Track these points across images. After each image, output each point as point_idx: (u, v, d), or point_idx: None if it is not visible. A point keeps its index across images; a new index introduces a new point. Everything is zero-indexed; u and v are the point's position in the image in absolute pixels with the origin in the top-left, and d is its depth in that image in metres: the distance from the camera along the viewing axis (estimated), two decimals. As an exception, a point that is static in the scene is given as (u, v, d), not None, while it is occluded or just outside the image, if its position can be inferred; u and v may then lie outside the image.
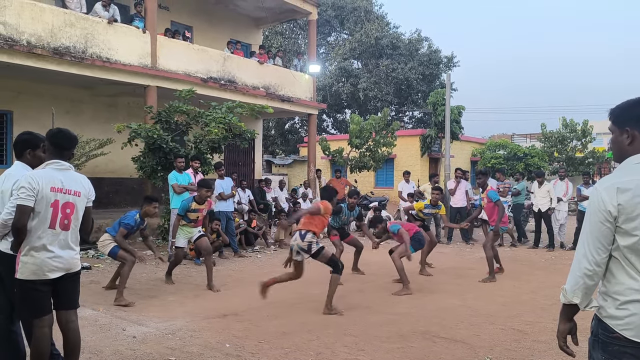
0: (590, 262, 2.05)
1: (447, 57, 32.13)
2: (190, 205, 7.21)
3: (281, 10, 16.89)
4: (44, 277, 3.37)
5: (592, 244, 2.05)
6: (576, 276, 2.09)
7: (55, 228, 3.41)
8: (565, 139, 24.81)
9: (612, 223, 2.01)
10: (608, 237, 2.03)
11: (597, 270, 2.05)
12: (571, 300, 2.11)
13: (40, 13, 10.21)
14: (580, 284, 2.08)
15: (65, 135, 3.54)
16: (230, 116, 10.63)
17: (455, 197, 12.56)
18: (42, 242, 3.35)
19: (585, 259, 2.06)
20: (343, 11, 32.67)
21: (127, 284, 6.46)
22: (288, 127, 33.92)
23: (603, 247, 2.04)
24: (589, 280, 2.06)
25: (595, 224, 2.05)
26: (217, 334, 5.05)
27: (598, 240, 2.04)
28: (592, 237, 2.06)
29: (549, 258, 10.36)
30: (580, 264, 2.08)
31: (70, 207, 3.47)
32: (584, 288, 2.08)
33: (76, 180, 3.56)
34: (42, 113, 11.23)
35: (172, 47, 12.76)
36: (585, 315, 2.16)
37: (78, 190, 3.53)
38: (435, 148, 22.62)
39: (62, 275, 3.45)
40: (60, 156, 3.49)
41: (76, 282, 3.62)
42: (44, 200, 3.35)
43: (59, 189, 3.42)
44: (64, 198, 3.44)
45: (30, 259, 3.34)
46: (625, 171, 2.08)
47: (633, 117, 2.13)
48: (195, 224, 7.36)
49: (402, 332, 5.18)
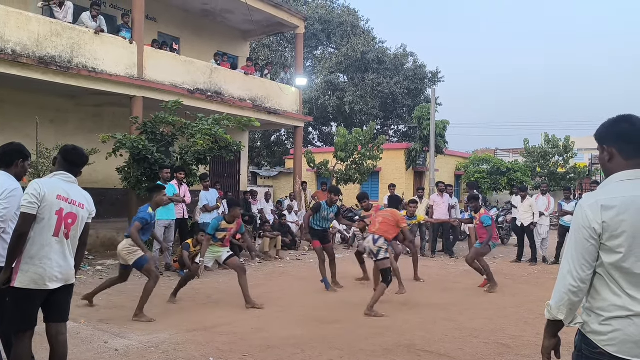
0: (575, 279, 2.07)
1: (432, 72, 32.50)
2: (219, 224, 6.98)
3: (269, 24, 16.99)
4: (44, 287, 3.33)
5: (576, 260, 2.07)
6: (561, 292, 2.11)
7: (59, 236, 3.40)
8: (548, 155, 25.19)
9: (596, 240, 2.04)
10: (592, 254, 2.06)
11: (582, 286, 2.07)
12: (556, 316, 2.13)
13: (27, 22, 10.14)
14: (565, 300, 2.09)
15: (79, 153, 3.62)
16: (216, 128, 10.62)
17: (439, 210, 12.58)
18: (45, 250, 3.33)
19: (570, 275, 2.08)
20: (330, 25, 32.94)
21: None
22: (274, 139, 33.92)
23: (588, 263, 2.06)
24: (573, 297, 2.08)
25: (580, 240, 2.07)
26: (201, 347, 5.00)
27: (583, 257, 2.06)
28: (576, 254, 2.08)
29: (531, 272, 10.46)
30: (565, 281, 2.10)
31: (72, 218, 3.47)
32: (568, 304, 2.09)
33: (81, 193, 3.60)
34: (26, 122, 11.09)
35: (159, 58, 12.74)
36: (569, 330, 2.19)
37: (82, 203, 3.56)
38: (420, 162, 22.78)
39: (59, 287, 3.42)
40: (70, 171, 3.55)
41: (70, 295, 3.60)
42: (49, 207, 3.34)
43: (65, 198, 3.43)
44: (68, 208, 3.45)
45: (33, 267, 3.30)
46: (609, 188, 2.12)
47: (610, 135, 2.19)
48: (223, 244, 7.09)
49: (387, 345, 5.19)
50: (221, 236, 7.01)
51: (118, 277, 6.68)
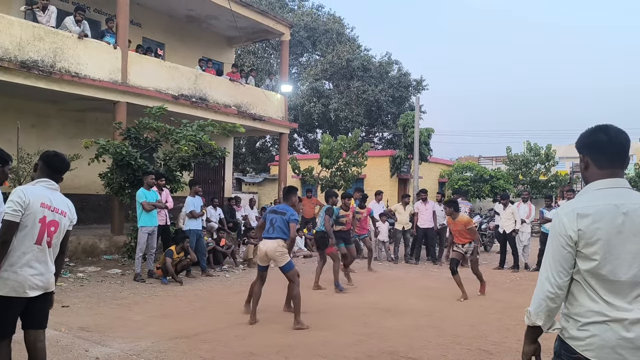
0: (552, 285, 2.11)
1: (417, 80, 32.79)
2: (339, 213, 8.05)
3: (254, 30, 17.01)
4: (24, 295, 3.30)
5: (554, 267, 2.12)
6: (539, 299, 2.15)
7: (41, 244, 3.37)
8: (530, 162, 25.52)
9: (572, 247, 2.09)
10: (569, 261, 2.10)
11: (559, 293, 2.11)
12: (535, 322, 2.17)
13: (9, 26, 10.03)
14: (543, 306, 2.14)
15: (61, 159, 3.59)
16: (201, 134, 10.58)
17: (422, 217, 12.64)
18: (26, 258, 3.30)
19: (547, 282, 2.12)
20: (315, 33, 33.10)
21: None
22: (259, 146, 33.89)
23: (565, 270, 2.10)
24: (551, 303, 2.12)
25: (557, 248, 2.12)
26: (184, 355, 4.96)
27: (560, 264, 2.11)
28: (554, 261, 2.12)
29: (514, 279, 10.56)
30: (543, 287, 2.14)
31: (55, 226, 3.45)
32: (546, 310, 2.14)
33: (63, 201, 3.57)
34: (6, 127, 10.95)
35: (143, 63, 12.67)
36: (549, 336, 2.23)
37: (64, 211, 3.54)
38: (404, 169, 22.94)
39: (39, 295, 3.39)
40: (52, 178, 3.52)
41: (48, 302, 3.56)
42: (33, 215, 3.32)
43: (48, 206, 3.41)
44: (51, 216, 3.42)
45: (12, 275, 3.26)
46: (585, 197, 2.17)
47: (586, 144, 2.24)
48: (345, 227, 8.25)
49: (371, 352, 5.20)
50: (343, 221, 8.17)
51: None
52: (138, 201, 9.15)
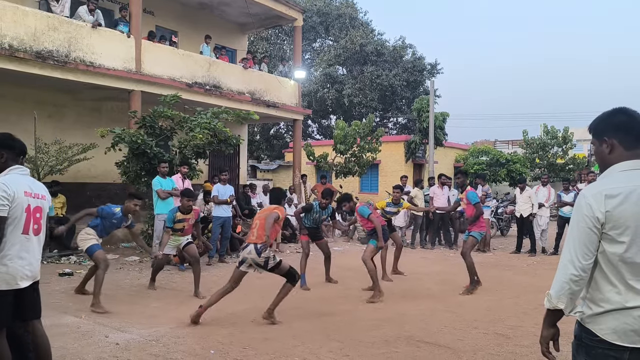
0: (576, 268, 2.08)
1: (431, 64, 32.41)
2: (175, 216, 7.21)
3: (267, 17, 16.92)
4: (16, 287, 3.26)
5: (578, 249, 2.08)
6: (562, 282, 2.11)
7: (28, 233, 3.33)
8: (547, 146, 25.15)
9: (598, 229, 2.05)
10: (594, 243, 2.07)
11: (583, 275, 2.08)
12: (556, 305, 2.14)
13: (23, 16, 10.10)
14: (566, 289, 2.10)
15: (18, 140, 3.46)
16: (215, 122, 10.59)
17: (439, 202, 12.57)
18: (15, 249, 3.25)
19: (571, 264, 2.09)
20: (328, 18, 32.83)
21: (104, 289, 6.34)
22: (273, 133, 33.89)
23: (590, 252, 2.07)
24: (574, 286, 2.09)
25: (582, 230, 2.08)
26: (202, 340, 5.02)
27: (585, 245, 2.07)
28: (579, 243, 2.09)
29: (531, 263, 10.49)
30: (566, 270, 2.10)
31: (39, 212, 3.41)
32: (569, 293, 2.10)
33: (38, 185, 3.52)
34: (23, 117, 11.07)
35: (156, 51, 12.70)
36: (568, 320, 2.20)
37: (44, 195, 3.50)
38: (419, 154, 22.77)
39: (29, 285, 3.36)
40: (16, 162, 3.40)
41: (38, 291, 3.51)
42: (20, 206, 3.26)
43: (30, 193, 3.35)
44: (35, 202, 3.37)
45: (3, 268, 3.21)
46: (611, 179, 2.13)
47: (610, 127, 2.19)
48: (183, 233, 7.32)
49: (387, 337, 5.21)
50: (179, 227, 7.27)
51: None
52: (154, 189, 9.22)
